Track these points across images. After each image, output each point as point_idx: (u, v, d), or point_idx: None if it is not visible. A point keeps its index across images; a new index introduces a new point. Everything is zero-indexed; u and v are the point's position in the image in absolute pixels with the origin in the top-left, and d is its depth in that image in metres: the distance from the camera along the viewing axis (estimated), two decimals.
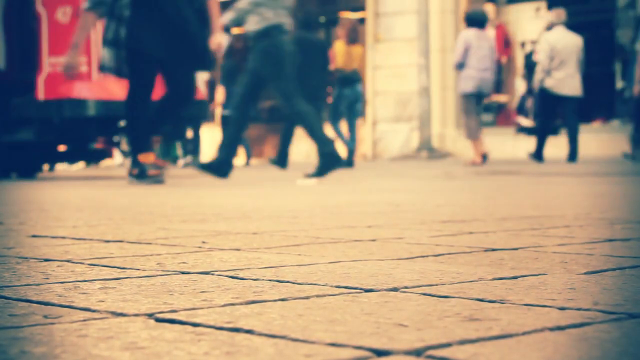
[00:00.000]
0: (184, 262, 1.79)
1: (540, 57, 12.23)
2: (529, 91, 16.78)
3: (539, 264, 1.72)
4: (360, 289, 1.42)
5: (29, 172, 9.72)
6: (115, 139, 9.72)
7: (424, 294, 1.35)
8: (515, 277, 1.53)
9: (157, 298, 1.34)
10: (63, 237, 2.35)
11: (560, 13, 12.66)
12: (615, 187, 5.27)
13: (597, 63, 15.84)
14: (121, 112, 8.88)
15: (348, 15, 19.95)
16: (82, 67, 8.38)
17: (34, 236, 2.41)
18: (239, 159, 17.85)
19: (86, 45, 8.44)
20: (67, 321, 1.16)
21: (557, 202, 3.84)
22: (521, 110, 15.81)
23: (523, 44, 17.27)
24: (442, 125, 17.34)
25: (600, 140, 15.05)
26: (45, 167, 10.52)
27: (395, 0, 17.81)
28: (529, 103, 16.66)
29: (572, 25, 16.04)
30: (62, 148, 9.70)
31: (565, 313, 1.18)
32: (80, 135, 9.17)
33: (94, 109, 8.50)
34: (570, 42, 12.22)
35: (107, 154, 10.17)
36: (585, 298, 1.30)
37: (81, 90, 8.52)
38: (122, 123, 8.64)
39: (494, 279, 1.51)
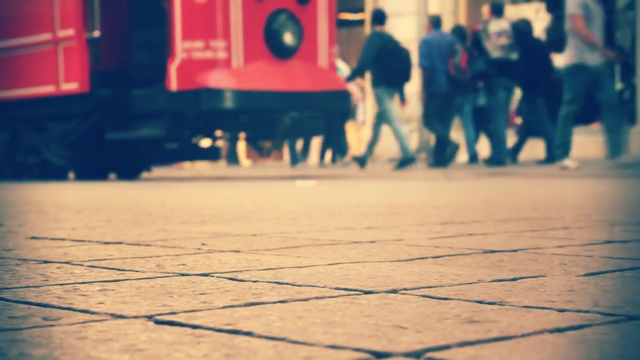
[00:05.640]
0: (183, 264, 1.79)
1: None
2: None
3: (538, 265, 1.72)
4: (360, 290, 1.42)
5: (132, 172, 8.95)
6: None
7: (423, 296, 1.35)
8: (514, 279, 1.53)
9: (157, 300, 1.34)
10: (62, 239, 2.35)
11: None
12: (615, 189, 5.27)
13: None
14: (266, 104, 7.44)
15: (347, 16, 19.98)
16: (221, 52, 7.49)
17: (33, 238, 2.41)
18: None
19: (225, 28, 7.28)
20: (67, 323, 1.16)
21: (556, 203, 3.84)
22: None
23: None
24: None
25: (598, 142, 15.04)
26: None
27: (394, 2, 17.82)
28: None
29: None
30: (171, 146, 8.64)
31: (565, 315, 1.18)
32: (214, 130, 8.05)
33: (232, 100, 7.48)
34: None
35: (217, 153, 9.09)
36: (584, 300, 1.30)
37: (220, 80, 7.50)
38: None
39: (493, 280, 1.51)
